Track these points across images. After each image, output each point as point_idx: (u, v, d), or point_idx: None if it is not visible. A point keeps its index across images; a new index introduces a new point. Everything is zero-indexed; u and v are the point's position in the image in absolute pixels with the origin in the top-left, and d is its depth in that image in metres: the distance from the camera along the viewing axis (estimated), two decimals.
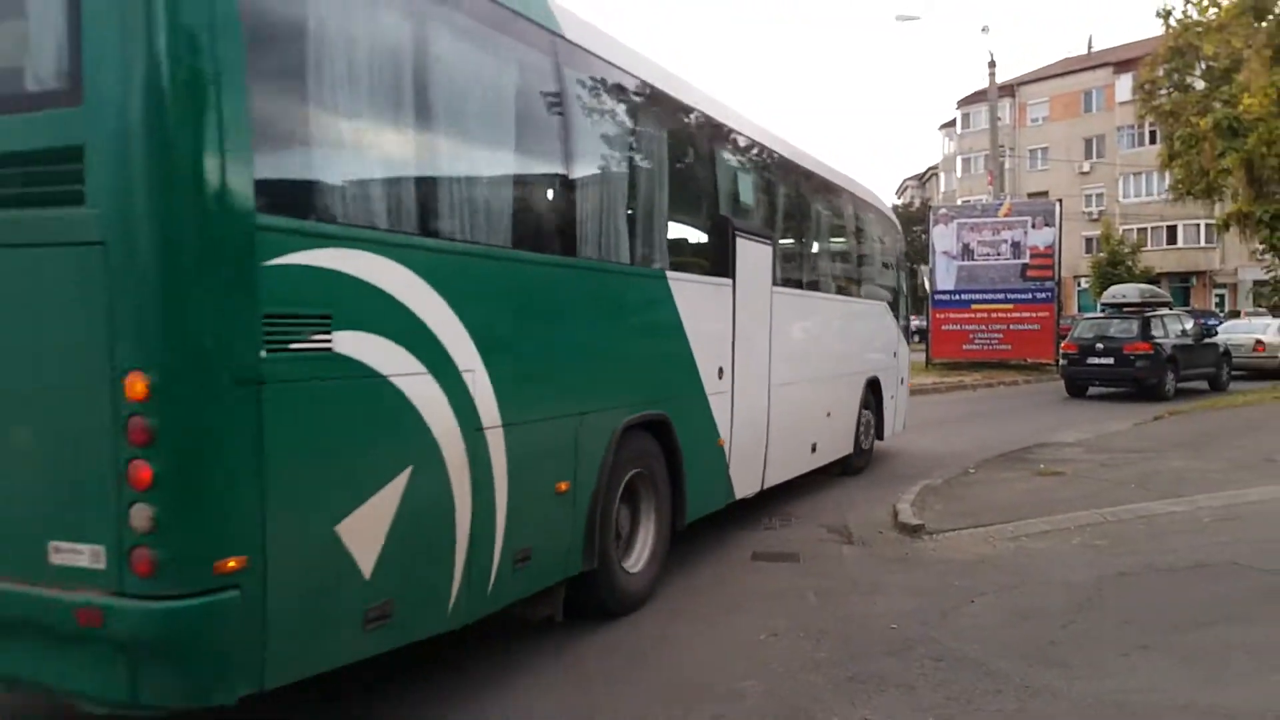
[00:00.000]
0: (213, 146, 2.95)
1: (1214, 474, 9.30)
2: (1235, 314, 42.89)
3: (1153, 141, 37.98)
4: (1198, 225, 49.69)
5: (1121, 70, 50.60)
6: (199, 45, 2.92)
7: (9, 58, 3.20)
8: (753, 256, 7.20)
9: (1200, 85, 20.02)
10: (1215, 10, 18.69)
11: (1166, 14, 19.57)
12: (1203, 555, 6.52)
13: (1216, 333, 21.69)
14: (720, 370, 6.70)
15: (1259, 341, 22.64)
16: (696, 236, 6.79)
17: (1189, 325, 20.23)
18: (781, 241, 8.08)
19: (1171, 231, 53.05)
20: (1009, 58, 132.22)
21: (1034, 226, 25.40)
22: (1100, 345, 18.76)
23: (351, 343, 3.46)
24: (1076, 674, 4.53)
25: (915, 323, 25.80)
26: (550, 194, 5.11)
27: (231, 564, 3.02)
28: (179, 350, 2.95)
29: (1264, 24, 18.10)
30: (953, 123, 66.15)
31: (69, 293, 3.00)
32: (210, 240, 2.99)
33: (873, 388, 10.68)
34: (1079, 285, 52.68)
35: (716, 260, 6.75)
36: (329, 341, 3.37)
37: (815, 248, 9.48)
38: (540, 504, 4.69)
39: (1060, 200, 29.72)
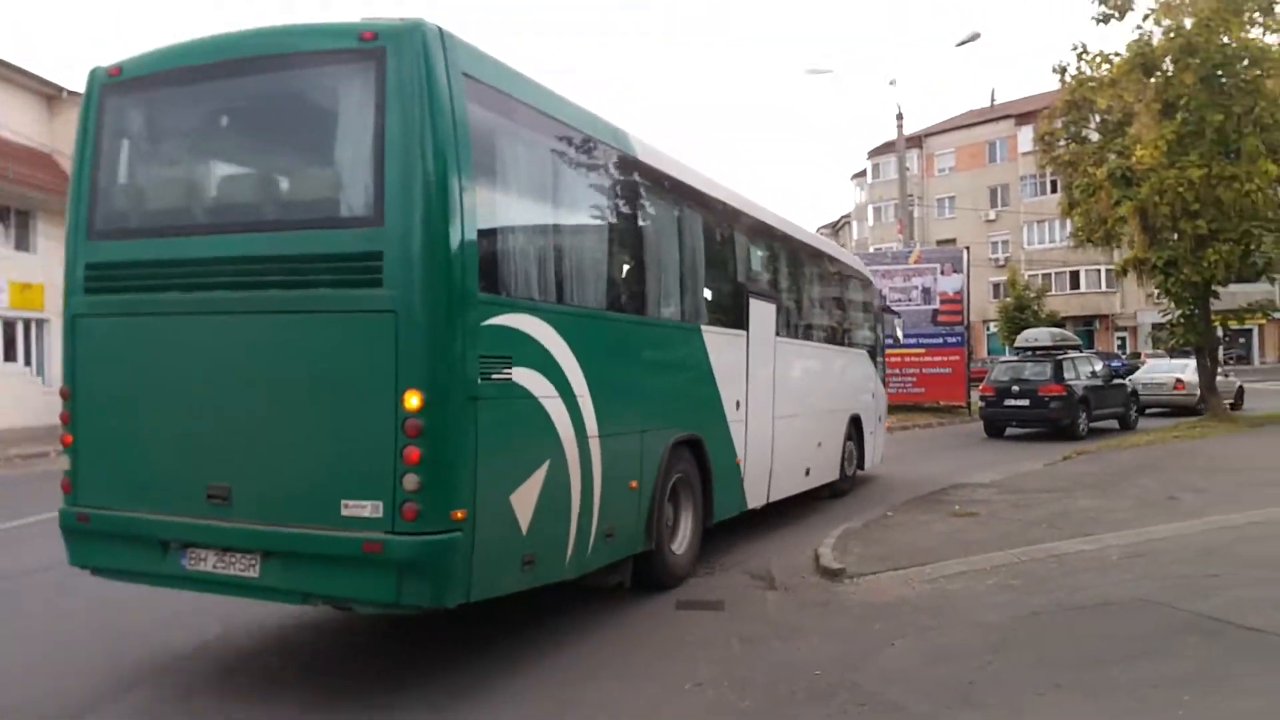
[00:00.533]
0: (457, 254, 4.76)
1: (1120, 513, 9.60)
2: (1136, 355, 44.82)
3: (1054, 190, 39.70)
4: (1099, 270, 51.87)
5: (1023, 122, 52.85)
6: (451, 199, 4.74)
7: (340, 197, 5.07)
8: (761, 312, 9.07)
9: (1096, 137, 20.84)
10: (1107, 67, 19.61)
11: (1063, 70, 20.41)
12: (1112, 593, 6.70)
13: (1121, 374, 22.72)
14: (737, 403, 8.47)
15: (1179, 380, 24.21)
16: (721, 298, 8.49)
17: (1098, 367, 21.49)
18: (782, 300, 9.87)
19: (1074, 277, 55.26)
20: (916, 109, 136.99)
21: (943, 273, 26.24)
22: (1016, 387, 19.68)
23: (521, 375, 5.29)
24: (993, 714, 4.60)
25: None
26: (629, 269, 6.91)
27: (459, 514, 4.70)
28: (438, 378, 4.66)
29: (1152, 80, 19.07)
30: (864, 173, 68.15)
31: (369, 340, 4.71)
32: (456, 310, 4.76)
33: (855, 423, 12.45)
34: (988, 329, 54.41)
35: (734, 316, 8.62)
36: (510, 374, 5.19)
37: (808, 304, 11.19)
38: (621, 495, 6.35)
39: (968, 247, 30.75)
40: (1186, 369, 24.67)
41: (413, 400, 4.59)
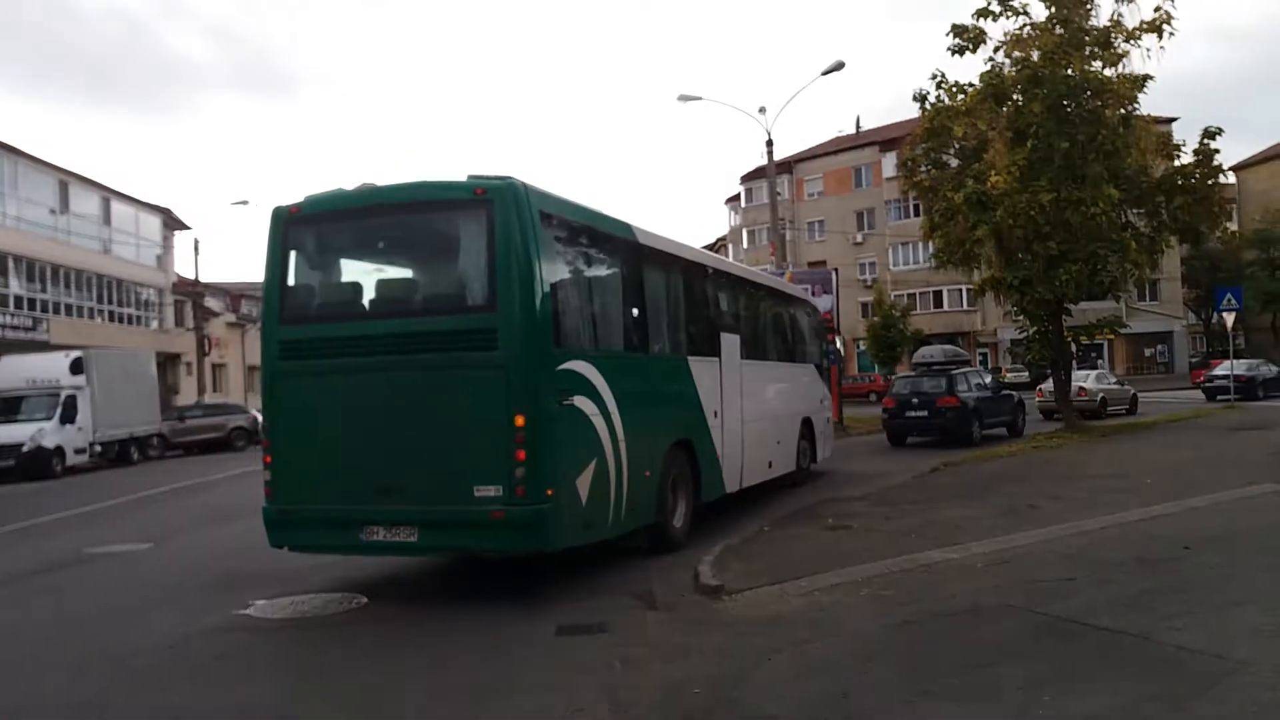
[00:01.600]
0: (541, 328, 7.32)
1: (985, 521, 9.96)
2: (997, 370, 46.98)
3: (916, 214, 41.21)
4: (960, 290, 54.24)
5: (887, 149, 55.00)
6: (536, 293, 7.27)
7: (466, 294, 7.64)
8: (729, 342, 11.63)
9: (954, 163, 21.62)
10: (963, 96, 20.50)
11: (923, 98, 21.21)
12: (978, 600, 6.94)
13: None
14: (715, 413, 10.88)
15: (1081, 388, 26.30)
16: (699, 334, 10.99)
17: (988, 379, 23.58)
18: (744, 331, 12.46)
19: (938, 296, 57.62)
20: (786, 136, 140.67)
21: (814, 294, 26.91)
22: (915, 400, 21.29)
23: (578, 400, 7.80)
24: None
25: None
26: (637, 319, 9.46)
27: (549, 492, 7.16)
28: (534, 405, 7.15)
29: (1004, 109, 20.06)
30: (737, 197, 69.64)
31: (490, 383, 7.21)
32: (541, 364, 7.32)
33: (807, 424, 15.06)
34: (859, 347, 56.10)
35: (710, 346, 11.12)
36: (573, 400, 7.71)
37: (764, 331, 13.82)
38: (640, 481, 8.73)
39: (836, 269, 31.69)
40: (1088, 378, 27.39)
41: (519, 420, 7.15)
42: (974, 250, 21.03)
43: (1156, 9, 19.28)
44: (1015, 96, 20.17)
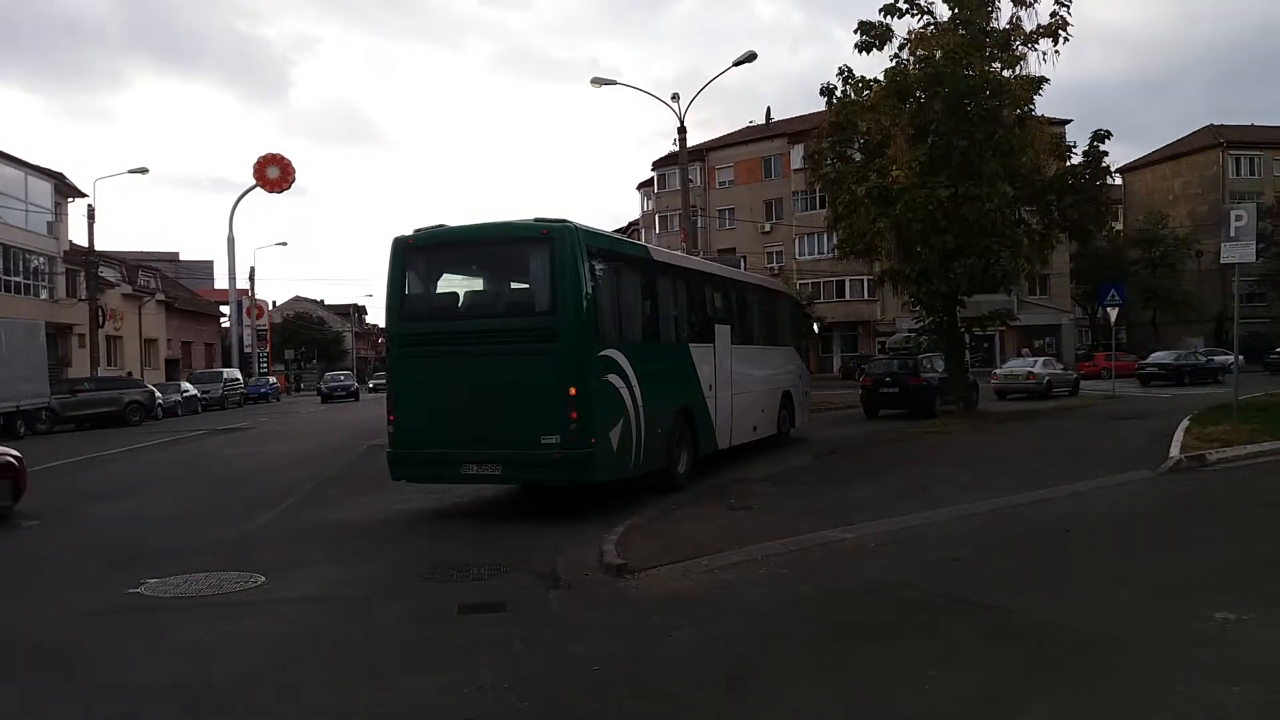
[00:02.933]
0: (587, 328, 10.26)
1: (880, 503, 10.27)
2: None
3: (822, 206, 41.93)
4: (862, 280, 55.38)
5: (795, 141, 55.74)
6: (583, 304, 10.19)
7: (534, 302, 10.60)
8: (721, 332, 14.51)
9: (858, 157, 22.05)
10: (868, 92, 20.94)
11: (830, 92, 21.60)
12: (872, 577, 7.18)
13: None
14: (710, 386, 13.74)
15: (1030, 372, 31.48)
16: (698, 326, 13.87)
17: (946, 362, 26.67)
18: (734, 322, 15.29)
19: (840, 286, 58.78)
20: (700, 123, 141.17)
21: None
22: (888, 379, 25.23)
23: (611, 377, 10.55)
24: (764, 698, 4.81)
25: None
26: (651, 317, 12.31)
27: (592, 440, 10.06)
28: (582, 381, 10.08)
29: (907, 106, 20.58)
30: (650, 182, 69.74)
31: (552, 365, 10.11)
32: (586, 353, 10.23)
33: (787, 396, 18.05)
34: None
35: (706, 335, 14.01)
36: (608, 377, 10.51)
37: (750, 321, 16.59)
38: (655, 437, 11.40)
39: (745, 257, 32.17)
40: (1037, 364, 32.56)
41: (571, 390, 10.00)
42: (875, 243, 21.50)
43: (1053, 14, 20.03)
44: (918, 94, 20.70)
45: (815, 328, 21.39)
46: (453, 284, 11.57)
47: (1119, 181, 62.70)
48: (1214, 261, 31.63)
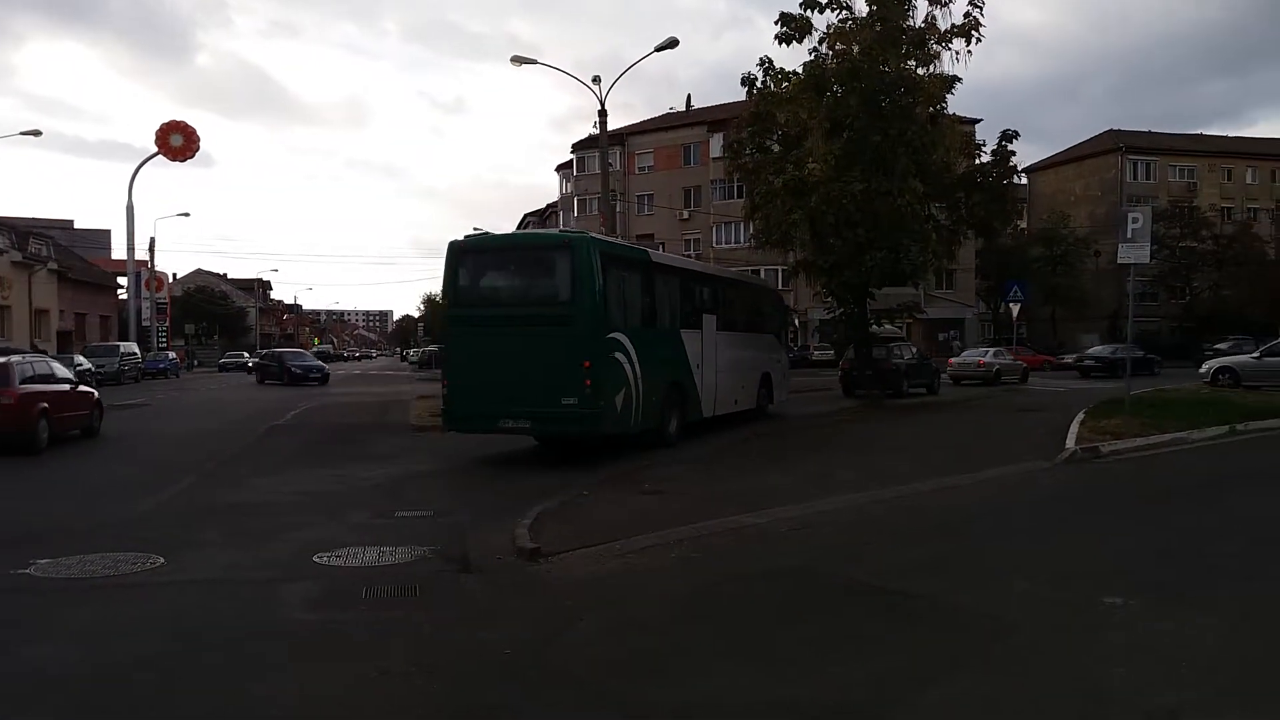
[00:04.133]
0: (600, 315, 13.31)
1: (790, 488, 10.43)
2: (806, 348, 49.20)
3: (739, 195, 42.27)
4: (777, 270, 56.02)
5: (715, 129, 55.96)
6: (596, 296, 13.22)
7: (558, 294, 13.55)
8: (708, 320, 17.24)
9: (776, 149, 22.28)
10: (787, 84, 21.16)
11: (751, 82, 21.76)
12: (781, 562, 7.30)
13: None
14: (697, 365, 16.39)
15: (980, 360, 35.03)
16: (688, 315, 16.60)
17: (914, 351, 30.39)
18: (719, 311, 17.96)
19: (756, 275, 59.43)
20: (619, 107, 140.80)
21: None
22: (864, 363, 26.23)
23: (617, 355, 13.65)
24: (672, 681, 4.86)
25: None
26: (649, 307, 15.32)
27: (602, 403, 13.14)
28: (594, 356, 13.10)
29: (824, 100, 20.86)
30: (570, 164, 69.36)
31: (571, 344, 13.05)
32: (598, 335, 13.24)
33: (766, 377, 20.53)
34: None
35: (695, 322, 16.70)
36: (615, 355, 13.57)
37: (733, 311, 19.13)
38: (651, 403, 14.42)
39: (664, 243, 32.23)
40: (988, 354, 36.01)
41: (586, 364, 12.79)
42: (790, 233, 21.77)
43: (966, 15, 20.50)
44: (835, 88, 20.97)
45: (796, 320, 22.12)
46: (495, 279, 14.46)
47: (1024, 181, 64.80)
48: (1111, 261, 33.01)
